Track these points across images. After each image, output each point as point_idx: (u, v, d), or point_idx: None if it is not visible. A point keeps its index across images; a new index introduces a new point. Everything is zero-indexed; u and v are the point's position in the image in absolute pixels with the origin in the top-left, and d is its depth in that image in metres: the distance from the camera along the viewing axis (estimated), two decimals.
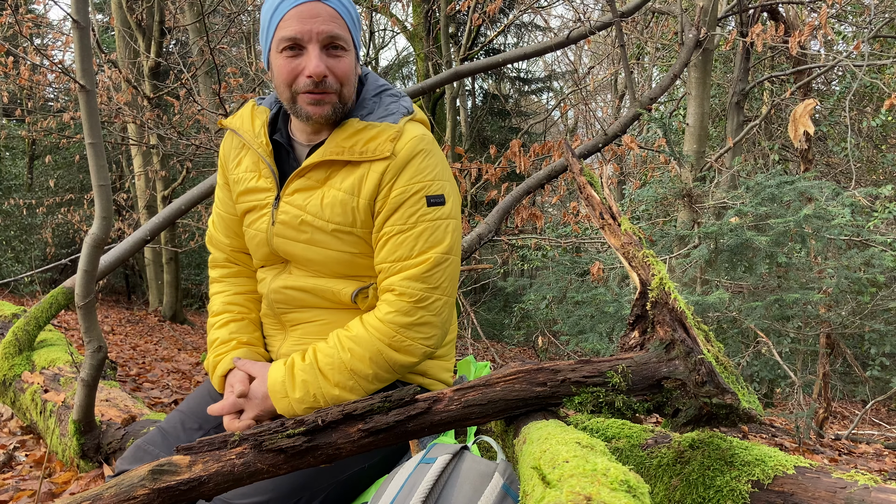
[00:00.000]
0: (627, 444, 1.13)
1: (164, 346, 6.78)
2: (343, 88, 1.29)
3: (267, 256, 1.43)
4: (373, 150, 1.27)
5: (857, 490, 0.83)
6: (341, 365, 1.24)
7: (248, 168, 1.41)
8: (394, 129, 1.29)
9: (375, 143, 1.28)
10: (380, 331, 1.25)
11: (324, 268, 1.35)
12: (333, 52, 1.26)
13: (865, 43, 4.99)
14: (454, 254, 1.31)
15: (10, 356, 2.50)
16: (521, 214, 3.63)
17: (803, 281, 3.89)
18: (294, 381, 1.24)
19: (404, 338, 1.26)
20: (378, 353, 1.25)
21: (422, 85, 3.31)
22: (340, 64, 1.27)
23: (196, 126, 8.11)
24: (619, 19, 3.38)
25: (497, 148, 11.59)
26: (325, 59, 1.25)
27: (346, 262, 1.33)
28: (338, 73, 1.27)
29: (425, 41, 12.17)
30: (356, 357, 1.24)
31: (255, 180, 1.39)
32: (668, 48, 8.95)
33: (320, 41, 1.24)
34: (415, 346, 1.27)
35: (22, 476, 2.16)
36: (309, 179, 1.32)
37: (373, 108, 1.34)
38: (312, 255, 1.34)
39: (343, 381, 1.24)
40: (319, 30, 1.23)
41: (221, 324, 1.45)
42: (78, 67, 1.58)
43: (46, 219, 10.65)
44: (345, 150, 1.28)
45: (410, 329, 1.26)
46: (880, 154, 8.89)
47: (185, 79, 5.16)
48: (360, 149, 1.28)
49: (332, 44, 1.25)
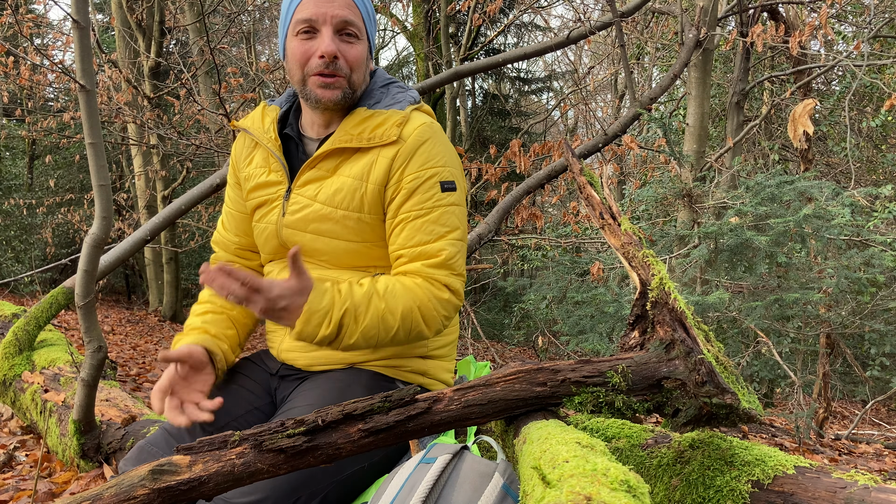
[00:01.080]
0: (627, 444, 1.13)
1: (165, 346, 6.78)
2: (353, 74, 1.32)
3: (276, 249, 1.45)
4: (380, 135, 1.31)
5: (857, 490, 0.83)
6: (375, 311, 1.22)
7: (258, 164, 1.44)
8: (400, 114, 1.33)
9: (382, 129, 1.31)
10: (414, 291, 1.26)
11: (332, 258, 1.37)
12: (346, 37, 1.31)
13: (865, 43, 4.99)
14: (465, 240, 1.36)
15: (10, 356, 2.50)
16: (521, 214, 3.63)
17: (803, 281, 3.89)
18: (331, 319, 1.18)
19: (433, 306, 1.27)
20: (409, 311, 1.25)
21: (422, 85, 3.31)
22: (352, 49, 1.31)
23: (196, 126, 8.10)
24: (619, 19, 3.38)
25: (497, 148, 11.59)
26: (337, 41, 1.29)
27: (353, 252, 1.35)
28: (349, 57, 1.31)
29: (425, 41, 12.16)
30: (389, 309, 1.23)
31: (265, 175, 1.42)
32: (668, 48, 8.95)
33: (334, 24, 1.29)
34: (436, 320, 1.29)
35: (22, 476, 2.16)
36: (320, 170, 1.35)
37: (380, 97, 1.38)
38: (321, 244, 1.36)
39: (369, 328, 1.21)
40: (334, 13, 1.28)
41: (200, 312, 1.47)
42: (78, 67, 1.59)
43: (46, 219, 10.64)
44: (353, 138, 1.32)
45: (439, 302, 1.28)
46: (880, 154, 8.90)
47: (185, 79, 5.16)
48: (368, 135, 1.31)
49: (345, 29, 1.30)
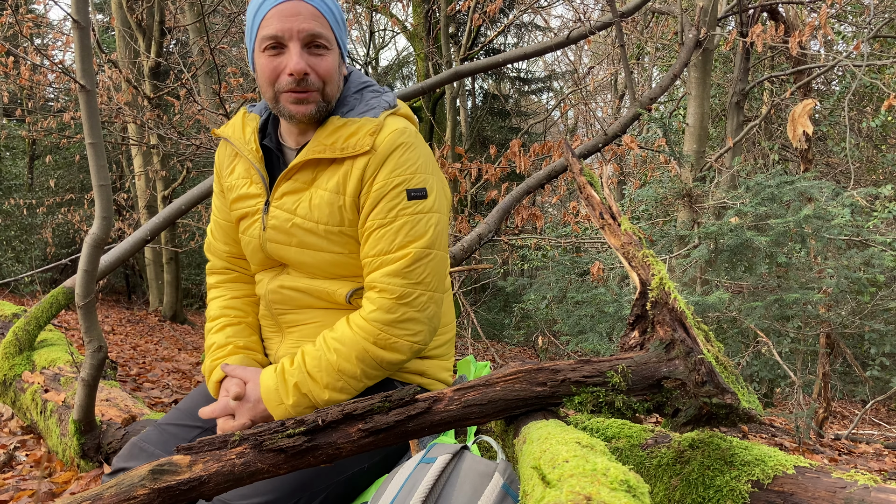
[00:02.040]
0: (627, 443, 1.13)
1: (165, 346, 6.78)
2: (326, 87, 1.29)
3: (263, 261, 1.43)
4: (353, 145, 1.27)
5: (856, 490, 0.83)
6: (329, 366, 1.24)
7: (240, 175, 1.42)
8: (373, 122, 1.29)
9: (355, 138, 1.27)
10: (364, 329, 1.25)
11: (318, 270, 1.35)
12: (315, 50, 1.26)
13: (865, 43, 4.99)
14: (437, 248, 1.30)
15: (10, 356, 2.50)
16: (521, 214, 3.63)
17: (803, 281, 3.89)
18: (287, 387, 1.24)
19: (389, 335, 1.25)
20: (364, 351, 1.24)
21: (422, 85, 3.31)
22: (322, 62, 1.27)
23: (196, 126, 8.11)
24: (619, 19, 3.38)
25: (497, 148, 11.58)
26: (306, 56, 1.25)
27: (339, 264, 1.33)
28: (320, 71, 1.27)
29: (425, 41, 12.16)
30: (342, 357, 1.24)
31: (246, 186, 1.39)
32: (668, 48, 8.95)
33: (301, 39, 1.24)
34: (401, 343, 1.26)
35: (22, 476, 2.16)
36: (296, 182, 1.32)
37: (354, 104, 1.34)
38: (306, 258, 1.34)
39: (332, 382, 1.24)
40: (300, 28, 1.24)
41: (218, 328, 1.44)
42: (78, 67, 1.58)
43: (46, 219, 10.64)
44: (326, 148, 1.28)
45: (395, 326, 1.25)
46: (880, 154, 8.90)
47: (185, 79, 5.16)
48: (342, 145, 1.28)
49: (313, 42, 1.26)
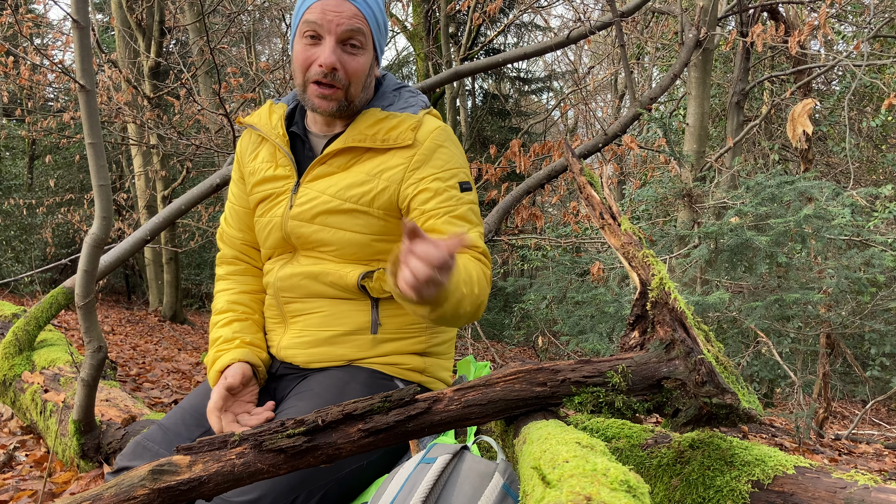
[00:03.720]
0: (627, 444, 1.13)
1: (165, 346, 6.78)
2: (351, 86, 1.33)
3: (277, 243, 1.45)
4: (394, 138, 1.35)
5: (857, 490, 0.82)
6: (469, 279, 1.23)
7: (264, 159, 1.47)
8: (414, 118, 1.37)
9: (397, 131, 1.35)
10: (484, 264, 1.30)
11: (336, 249, 1.37)
12: (349, 48, 1.32)
13: (865, 43, 4.99)
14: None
15: (10, 356, 2.50)
16: (521, 214, 3.63)
17: (803, 281, 3.89)
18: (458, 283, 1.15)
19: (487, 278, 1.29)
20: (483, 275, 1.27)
21: (422, 85, 3.31)
22: (353, 61, 1.32)
23: (196, 126, 8.10)
24: (619, 19, 3.38)
25: (497, 148, 11.57)
26: (338, 52, 1.31)
27: (358, 244, 1.36)
28: (349, 69, 1.32)
29: (425, 41, 12.16)
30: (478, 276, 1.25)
31: (271, 170, 1.44)
32: (668, 48, 8.95)
33: (338, 34, 1.30)
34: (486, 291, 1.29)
35: (22, 476, 2.16)
36: (331, 166, 1.38)
37: (393, 100, 1.42)
38: (326, 235, 1.36)
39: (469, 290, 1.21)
40: (339, 22, 1.29)
41: (225, 322, 1.45)
42: (78, 67, 1.59)
43: (46, 219, 10.63)
44: (367, 138, 1.35)
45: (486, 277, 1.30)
46: (880, 154, 8.90)
47: (185, 79, 5.16)
48: (383, 136, 1.35)
49: (350, 40, 1.31)
